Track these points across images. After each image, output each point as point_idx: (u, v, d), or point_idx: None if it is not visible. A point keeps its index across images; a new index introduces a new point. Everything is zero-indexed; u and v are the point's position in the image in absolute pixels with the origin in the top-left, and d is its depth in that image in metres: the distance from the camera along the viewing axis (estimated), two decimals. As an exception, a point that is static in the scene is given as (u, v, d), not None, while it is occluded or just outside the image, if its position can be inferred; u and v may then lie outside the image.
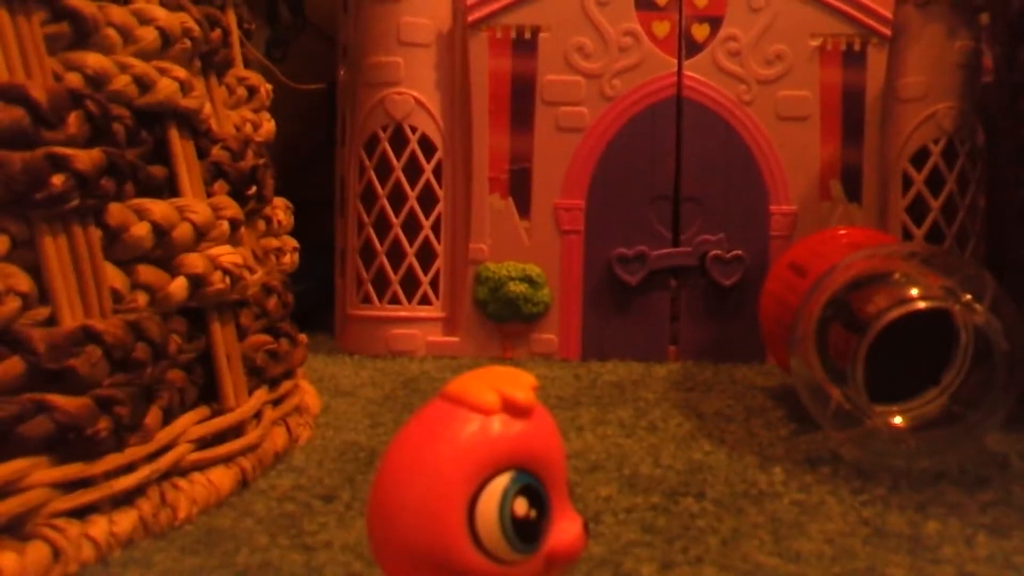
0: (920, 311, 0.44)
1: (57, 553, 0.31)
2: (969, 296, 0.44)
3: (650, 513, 0.38)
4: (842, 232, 0.60)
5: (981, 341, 0.44)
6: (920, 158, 0.73)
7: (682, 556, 0.34)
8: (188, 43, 0.40)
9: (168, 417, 0.38)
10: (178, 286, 0.38)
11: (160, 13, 0.39)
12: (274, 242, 0.52)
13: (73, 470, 0.32)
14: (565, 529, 0.22)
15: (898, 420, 0.46)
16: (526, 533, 0.21)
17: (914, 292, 0.45)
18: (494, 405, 0.21)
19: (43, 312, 0.32)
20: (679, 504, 0.39)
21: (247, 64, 0.52)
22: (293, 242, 0.55)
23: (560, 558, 0.21)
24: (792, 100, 0.73)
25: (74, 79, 0.35)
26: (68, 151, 0.32)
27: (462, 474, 0.20)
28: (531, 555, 0.21)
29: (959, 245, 0.74)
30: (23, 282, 0.32)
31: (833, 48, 0.73)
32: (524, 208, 0.73)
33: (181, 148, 0.40)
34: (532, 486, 0.21)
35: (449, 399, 0.21)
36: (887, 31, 0.73)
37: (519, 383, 0.21)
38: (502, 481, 0.20)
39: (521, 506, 0.20)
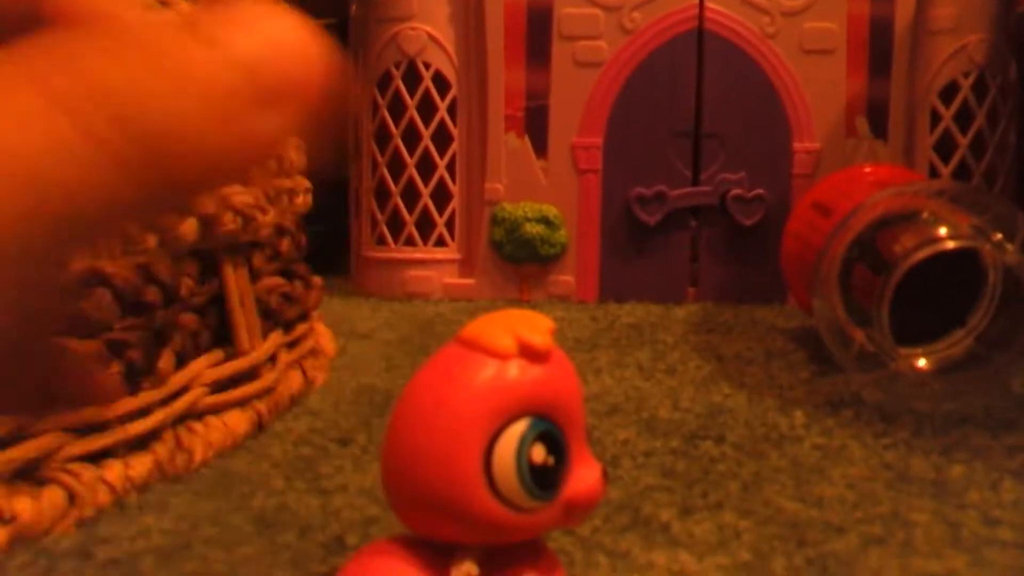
0: (948, 251, 0.43)
1: (72, 497, 0.31)
2: (1000, 235, 0.43)
3: (669, 457, 0.38)
4: (867, 170, 0.59)
5: (1009, 281, 0.43)
6: (949, 93, 0.71)
7: (702, 501, 0.33)
8: (193, -24, 0.39)
9: (181, 361, 0.38)
10: (188, 227, 0.37)
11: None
12: (286, 183, 0.51)
13: (86, 415, 0.32)
14: (583, 476, 0.21)
15: (923, 362, 0.45)
16: (544, 480, 0.20)
17: (942, 231, 0.43)
18: (511, 350, 0.20)
19: (51, 255, 0.32)
20: (698, 448, 0.39)
21: (255, -2, 0.51)
22: (306, 183, 0.54)
23: (578, 505, 0.21)
24: (817, 32, 0.71)
25: None
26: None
27: (478, 421, 0.20)
28: (549, 502, 0.20)
29: (987, 183, 0.72)
30: (29, 224, 0.31)
31: (861, -22, 0.71)
32: (541, 147, 0.72)
33: (188, 86, 0.39)
34: (550, 432, 0.20)
35: (465, 343, 0.20)
36: (918, -41, 0.70)
37: (536, 327, 0.21)
38: (519, 427, 0.20)
39: (539, 453, 0.20)
